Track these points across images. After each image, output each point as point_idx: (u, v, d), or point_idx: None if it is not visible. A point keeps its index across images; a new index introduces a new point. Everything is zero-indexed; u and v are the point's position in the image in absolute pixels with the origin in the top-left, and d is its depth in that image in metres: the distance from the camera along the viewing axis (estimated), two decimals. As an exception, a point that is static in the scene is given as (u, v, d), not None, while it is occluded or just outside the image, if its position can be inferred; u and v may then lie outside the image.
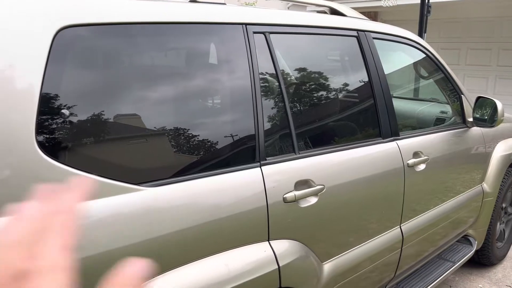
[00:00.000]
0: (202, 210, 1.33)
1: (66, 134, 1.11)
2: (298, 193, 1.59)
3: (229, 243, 1.40)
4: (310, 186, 1.65)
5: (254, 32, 1.61)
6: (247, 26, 1.58)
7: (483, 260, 3.20)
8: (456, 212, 2.59)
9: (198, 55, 1.48)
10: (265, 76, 1.63)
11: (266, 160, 1.55)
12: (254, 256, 1.45)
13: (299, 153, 1.67)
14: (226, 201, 1.39)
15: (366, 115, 2.08)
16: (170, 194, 1.27)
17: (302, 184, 1.63)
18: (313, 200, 1.66)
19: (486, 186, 2.88)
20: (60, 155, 1.09)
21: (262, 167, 1.52)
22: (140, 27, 1.29)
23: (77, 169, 1.10)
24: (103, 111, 1.18)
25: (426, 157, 2.23)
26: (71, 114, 1.10)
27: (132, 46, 1.29)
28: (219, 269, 1.34)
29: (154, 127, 1.31)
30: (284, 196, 1.55)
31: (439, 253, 2.71)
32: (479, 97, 2.64)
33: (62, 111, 1.08)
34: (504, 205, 3.25)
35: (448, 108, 2.79)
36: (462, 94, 2.69)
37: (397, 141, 2.12)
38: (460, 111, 2.67)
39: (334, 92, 1.97)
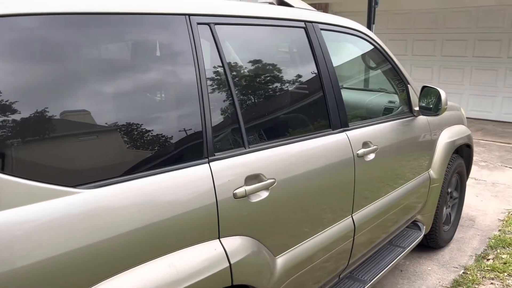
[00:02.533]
0: (147, 211, 1.27)
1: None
2: (248, 188, 1.56)
3: (178, 243, 1.35)
4: (261, 181, 1.62)
5: (198, 23, 1.55)
6: (191, 16, 1.52)
7: (431, 244, 3.32)
8: (405, 199, 2.67)
9: (139, 48, 1.40)
10: (211, 69, 1.57)
11: (214, 155, 1.50)
12: (204, 255, 1.40)
13: (249, 147, 1.63)
14: (173, 200, 1.34)
15: (316, 107, 2.07)
16: (110, 195, 1.20)
17: (252, 178, 1.60)
18: (264, 194, 1.63)
19: (432, 172, 2.98)
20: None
21: (210, 163, 1.47)
22: (70, 18, 1.20)
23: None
24: (29, 107, 1.09)
25: (375, 147, 2.27)
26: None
27: (63, 39, 1.19)
28: (166, 271, 1.29)
29: (91, 124, 1.22)
30: (234, 191, 1.51)
31: (390, 239, 2.78)
32: (424, 87, 2.72)
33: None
34: (449, 190, 3.38)
35: (395, 98, 2.85)
36: (409, 84, 2.75)
37: (347, 132, 2.14)
38: (407, 101, 2.74)
39: (283, 85, 1.95)
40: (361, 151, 2.16)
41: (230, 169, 1.53)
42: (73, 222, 1.11)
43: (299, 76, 2.05)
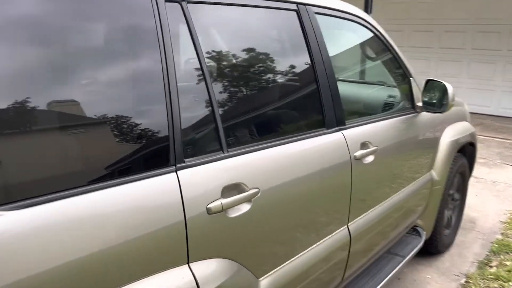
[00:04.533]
0: (94, 236, 1.01)
1: None
2: (226, 201, 1.29)
3: (135, 273, 1.08)
4: (241, 191, 1.36)
5: (167, 1, 1.27)
6: (156, -8, 1.24)
7: (430, 249, 3.09)
8: (406, 204, 2.42)
9: (88, 31, 1.12)
10: (182, 58, 1.30)
11: (184, 162, 1.23)
12: (168, 286, 1.14)
13: (227, 151, 1.37)
14: (129, 219, 1.07)
15: (308, 103, 1.81)
16: (44, 217, 0.93)
17: (231, 189, 1.33)
18: (245, 207, 1.37)
19: (434, 174, 2.74)
20: None
21: (178, 172, 1.21)
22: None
23: None
24: None
25: (375, 148, 2.01)
26: None
27: None
28: (119, 310, 1.03)
29: (16, 125, 0.95)
30: (208, 206, 1.25)
31: (388, 248, 2.54)
32: (428, 80, 2.46)
33: None
34: (451, 192, 3.15)
35: (396, 92, 2.59)
36: (411, 77, 2.49)
37: (343, 131, 1.88)
38: (409, 95, 2.48)
39: (270, 77, 1.68)
40: (359, 153, 1.90)
41: (203, 178, 1.27)
42: (-15, 257, 0.85)
43: (290, 67, 1.78)
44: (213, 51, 1.45)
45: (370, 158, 1.99)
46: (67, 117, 1.03)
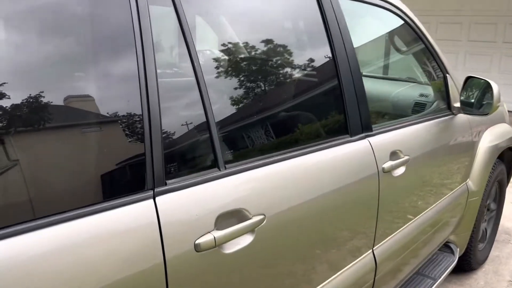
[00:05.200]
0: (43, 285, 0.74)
1: None
2: (220, 233, 1.01)
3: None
4: (242, 219, 1.08)
5: (147, -24, 0.98)
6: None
7: (463, 266, 2.76)
8: (438, 221, 2.10)
9: (44, 21, 0.84)
10: (167, 51, 1.02)
11: (165, 185, 0.95)
12: None
13: (225, 168, 1.08)
14: (86, 264, 0.80)
15: (328, 104, 1.51)
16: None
17: (229, 217, 1.05)
18: (247, 239, 1.09)
19: (471, 184, 2.40)
20: None
21: (156, 198, 0.93)
22: None
23: None
24: None
25: (406, 157, 1.70)
26: None
27: None
28: None
29: None
30: (197, 241, 0.97)
31: (417, 268, 2.23)
32: (469, 77, 2.12)
33: None
34: (488, 202, 2.80)
35: (430, 91, 2.26)
36: (448, 74, 2.16)
37: (370, 139, 1.57)
38: (444, 95, 2.15)
39: (282, 73, 1.38)
40: (388, 164, 1.60)
41: (191, 205, 0.98)
42: None
43: (306, 61, 1.48)
44: (208, 41, 1.16)
45: (400, 170, 1.68)
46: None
